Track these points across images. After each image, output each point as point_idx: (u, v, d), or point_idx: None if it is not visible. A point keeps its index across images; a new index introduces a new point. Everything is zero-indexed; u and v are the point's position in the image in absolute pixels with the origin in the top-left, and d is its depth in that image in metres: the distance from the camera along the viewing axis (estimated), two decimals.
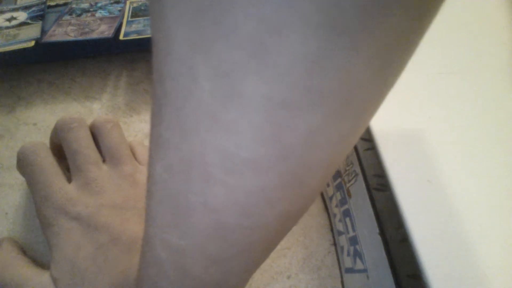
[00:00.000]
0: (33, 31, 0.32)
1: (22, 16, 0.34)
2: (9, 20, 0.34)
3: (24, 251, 0.22)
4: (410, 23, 0.08)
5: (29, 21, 0.34)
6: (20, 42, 0.31)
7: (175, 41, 0.08)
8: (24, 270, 0.20)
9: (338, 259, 0.23)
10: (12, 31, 0.32)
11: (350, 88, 0.08)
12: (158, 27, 0.09)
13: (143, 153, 0.25)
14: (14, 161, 0.23)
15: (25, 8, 0.35)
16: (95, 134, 0.23)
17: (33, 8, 0.35)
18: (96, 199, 0.20)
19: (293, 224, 0.14)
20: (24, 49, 0.34)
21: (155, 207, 0.13)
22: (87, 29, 0.32)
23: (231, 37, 0.07)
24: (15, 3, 0.37)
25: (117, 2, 0.36)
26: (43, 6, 0.35)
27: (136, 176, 0.22)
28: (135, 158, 0.24)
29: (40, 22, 0.33)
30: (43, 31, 0.32)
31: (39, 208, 0.21)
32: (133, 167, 0.23)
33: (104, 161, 0.23)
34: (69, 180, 0.22)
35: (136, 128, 0.29)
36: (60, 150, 0.23)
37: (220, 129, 0.09)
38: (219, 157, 0.10)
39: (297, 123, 0.09)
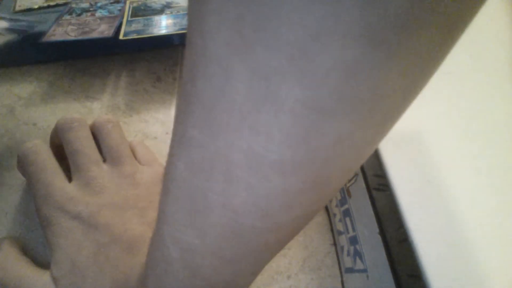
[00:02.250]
0: None
1: None
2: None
3: (24, 251, 0.22)
4: (444, 37, 0.08)
5: None
6: None
7: (213, 42, 0.08)
8: (24, 270, 0.20)
9: (338, 259, 0.23)
10: None
11: (381, 97, 0.09)
12: (196, 27, 0.09)
13: (143, 153, 0.25)
14: (14, 161, 0.23)
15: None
16: (95, 134, 0.23)
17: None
18: (96, 199, 0.20)
19: (304, 226, 0.14)
20: (24, 49, 0.34)
21: (171, 205, 0.13)
22: (87, 29, 0.32)
23: (272, 42, 0.08)
24: (14, 9, 0.37)
25: (117, 2, 0.36)
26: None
27: (136, 176, 0.22)
28: (135, 158, 0.24)
29: None
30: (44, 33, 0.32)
31: (39, 207, 0.21)
32: (134, 167, 0.23)
33: (104, 161, 0.23)
34: (69, 180, 0.22)
35: (136, 128, 0.29)
36: (60, 150, 0.23)
37: (250, 130, 0.09)
38: (245, 158, 0.10)
39: (327, 128, 0.09)
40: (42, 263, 0.21)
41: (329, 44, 0.07)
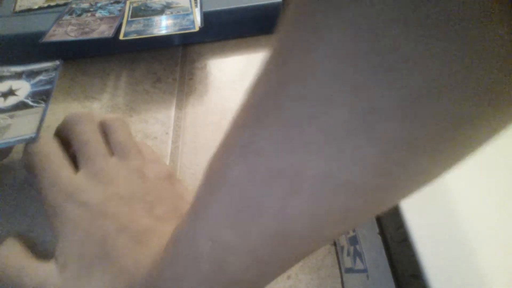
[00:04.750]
0: (29, 124, 0.22)
1: (23, 90, 0.25)
2: (4, 95, 0.24)
3: (28, 247, 0.22)
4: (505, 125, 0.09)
5: (30, 101, 0.24)
6: (6, 143, 0.21)
7: (319, 70, 0.09)
8: (25, 260, 0.19)
9: (338, 259, 0.23)
10: (3, 120, 0.23)
11: (434, 165, 0.10)
12: (300, 46, 0.09)
13: (147, 151, 0.25)
14: (15, 161, 0.23)
15: (31, 74, 0.26)
16: (103, 130, 0.24)
17: (40, 77, 0.26)
18: (104, 189, 0.20)
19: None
20: (24, 49, 0.34)
21: (215, 204, 0.13)
22: (87, 29, 0.32)
23: (390, 84, 0.08)
24: (14, 9, 0.37)
25: (117, 2, 0.36)
26: (53, 74, 0.26)
27: (144, 170, 0.22)
28: None
29: (43, 106, 0.24)
30: (43, 33, 0.32)
31: (46, 195, 0.20)
32: (141, 162, 0.23)
33: (112, 156, 0.23)
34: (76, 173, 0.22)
35: (136, 128, 0.29)
36: (65, 146, 0.23)
37: (335, 155, 0.09)
38: (318, 176, 0.10)
39: (413, 164, 0.09)
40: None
41: (444, 99, 0.08)
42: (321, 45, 0.08)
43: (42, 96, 0.24)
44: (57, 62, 0.27)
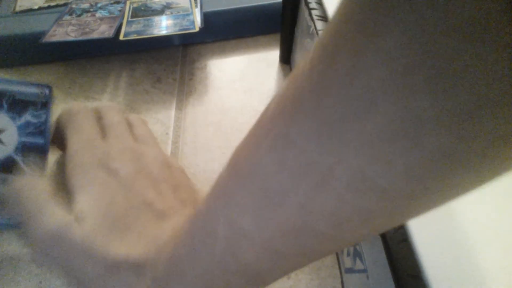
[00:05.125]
0: None
1: (10, 135, 0.17)
2: None
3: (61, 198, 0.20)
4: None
5: (21, 162, 0.17)
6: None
7: (366, 75, 0.09)
8: (50, 204, 0.19)
9: (338, 259, 0.23)
10: None
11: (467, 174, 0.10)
12: (347, 52, 0.09)
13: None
14: None
15: (15, 105, 0.18)
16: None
17: (28, 117, 0.18)
18: (133, 163, 0.21)
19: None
20: (24, 50, 0.34)
21: (240, 190, 0.13)
22: (87, 29, 0.32)
23: (442, 96, 0.08)
24: (14, 9, 0.37)
25: (117, 2, 0.36)
26: (43, 114, 0.18)
27: (167, 159, 0.23)
28: None
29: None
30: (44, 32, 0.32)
31: (74, 154, 0.20)
32: (164, 152, 0.23)
33: None
34: None
35: None
36: None
37: (370, 159, 0.09)
38: (351, 176, 0.10)
39: (447, 178, 0.09)
40: None
41: (496, 116, 0.08)
42: (373, 49, 0.08)
43: (35, 158, 0.17)
44: (46, 90, 0.18)
